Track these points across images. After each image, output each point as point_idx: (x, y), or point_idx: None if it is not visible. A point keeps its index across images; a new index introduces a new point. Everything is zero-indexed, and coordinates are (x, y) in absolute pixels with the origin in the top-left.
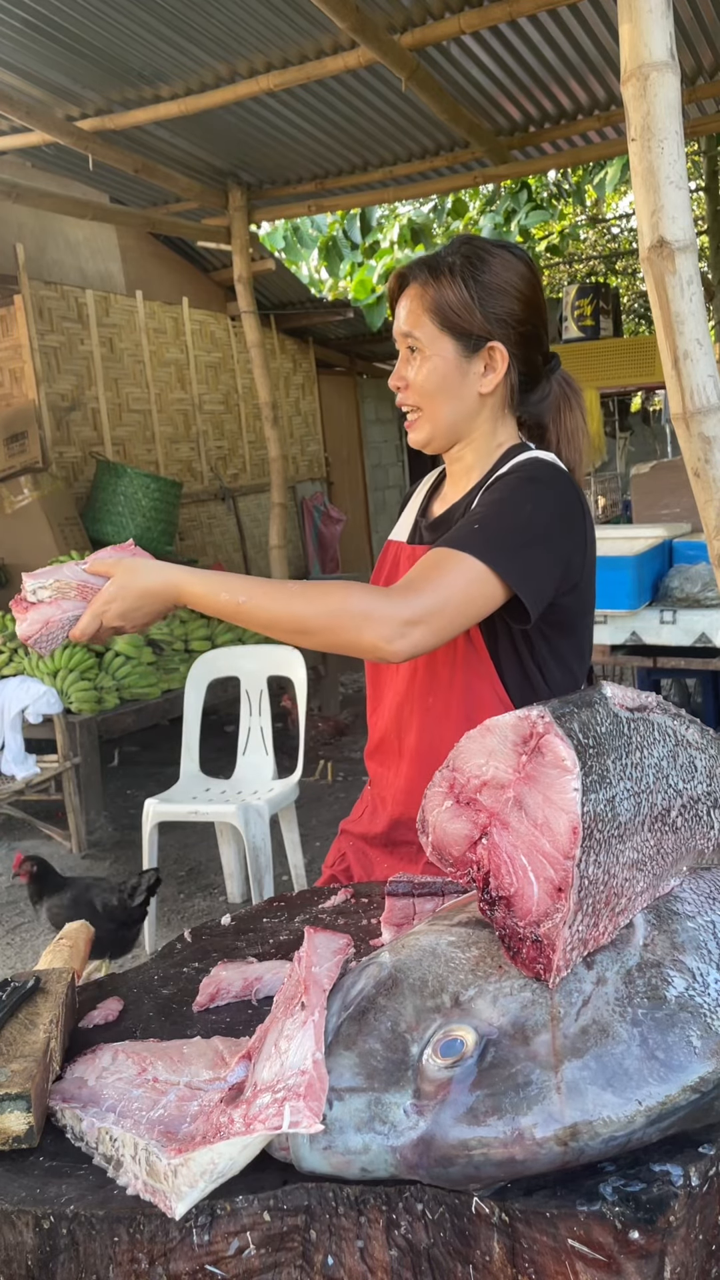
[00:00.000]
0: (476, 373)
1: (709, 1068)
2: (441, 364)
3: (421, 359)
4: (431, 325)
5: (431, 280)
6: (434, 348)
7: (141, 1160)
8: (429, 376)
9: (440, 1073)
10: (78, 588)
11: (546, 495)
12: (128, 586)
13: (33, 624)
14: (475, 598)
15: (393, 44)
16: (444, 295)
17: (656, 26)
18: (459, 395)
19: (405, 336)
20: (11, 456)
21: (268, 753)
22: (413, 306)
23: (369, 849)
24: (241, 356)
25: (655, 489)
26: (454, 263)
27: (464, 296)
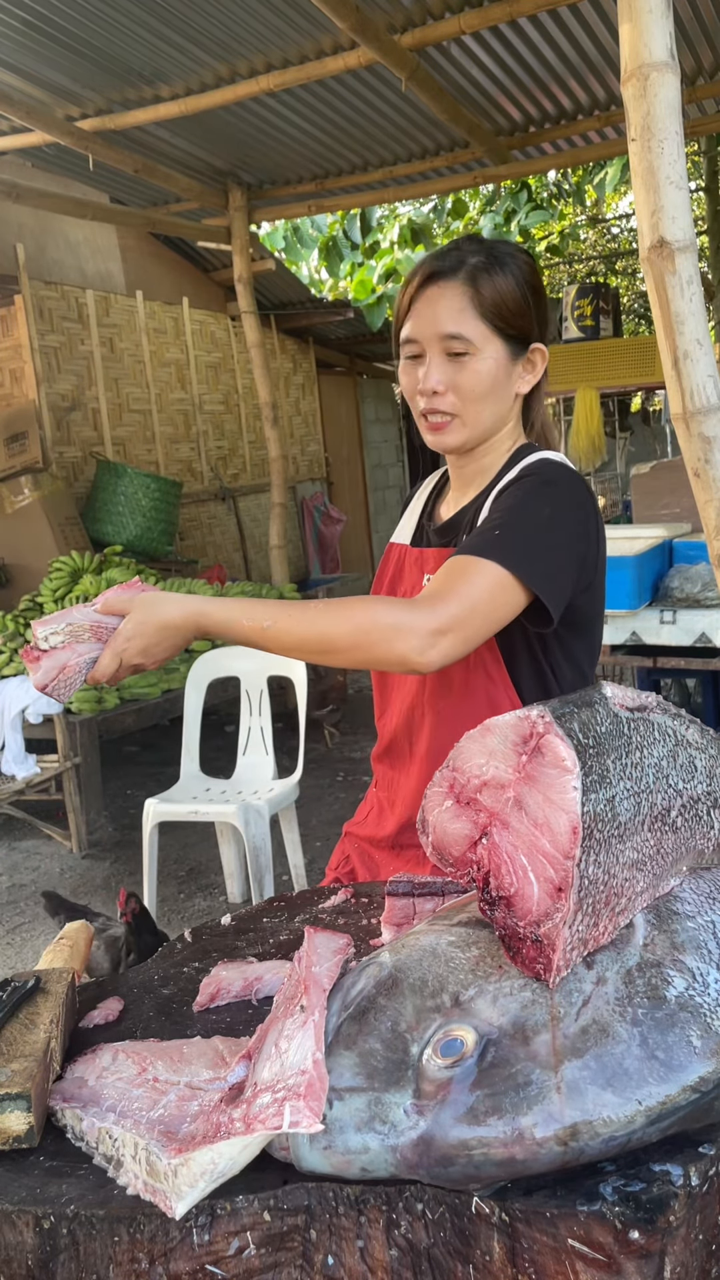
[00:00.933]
0: (518, 374)
1: (709, 1067)
2: (494, 367)
3: (470, 362)
4: (483, 326)
5: (483, 278)
6: (486, 350)
7: (142, 1160)
8: (481, 380)
9: (440, 1073)
10: (91, 629)
11: (563, 498)
12: (146, 622)
13: (48, 671)
14: (500, 604)
15: (393, 44)
16: (500, 295)
17: (656, 26)
18: (503, 398)
19: (449, 339)
20: (12, 456)
21: (268, 753)
22: (455, 305)
23: (375, 852)
24: (241, 356)
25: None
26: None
27: (517, 297)
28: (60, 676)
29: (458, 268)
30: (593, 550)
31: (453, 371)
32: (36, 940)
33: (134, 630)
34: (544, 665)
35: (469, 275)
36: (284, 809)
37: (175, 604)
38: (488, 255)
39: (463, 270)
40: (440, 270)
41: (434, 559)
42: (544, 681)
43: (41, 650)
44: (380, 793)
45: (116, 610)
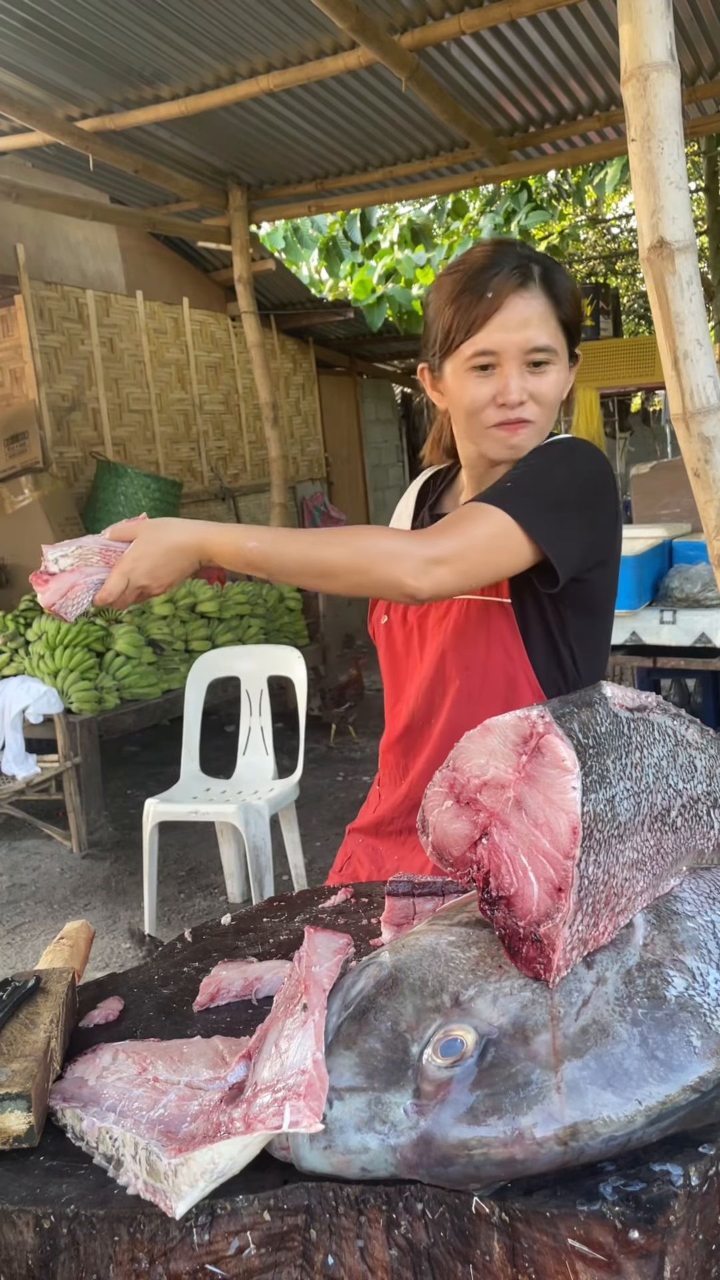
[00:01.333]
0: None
1: (709, 1067)
2: (566, 375)
3: (550, 371)
4: (563, 338)
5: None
6: (560, 360)
7: (142, 1160)
8: (558, 389)
9: (440, 1072)
10: (100, 553)
11: (581, 463)
12: (154, 542)
13: (55, 591)
14: (501, 549)
15: (393, 44)
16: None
17: (656, 26)
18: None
19: (539, 351)
20: (12, 456)
21: (268, 753)
22: (545, 316)
23: (378, 842)
24: (241, 356)
25: (655, 489)
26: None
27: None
28: (68, 595)
29: (532, 274)
30: (610, 524)
31: (535, 381)
32: (36, 940)
33: (142, 551)
34: (562, 645)
35: (545, 281)
36: (284, 809)
37: (181, 527)
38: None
39: (538, 275)
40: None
41: None
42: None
43: (50, 573)
44: (385, 783)
45: (125, 536)
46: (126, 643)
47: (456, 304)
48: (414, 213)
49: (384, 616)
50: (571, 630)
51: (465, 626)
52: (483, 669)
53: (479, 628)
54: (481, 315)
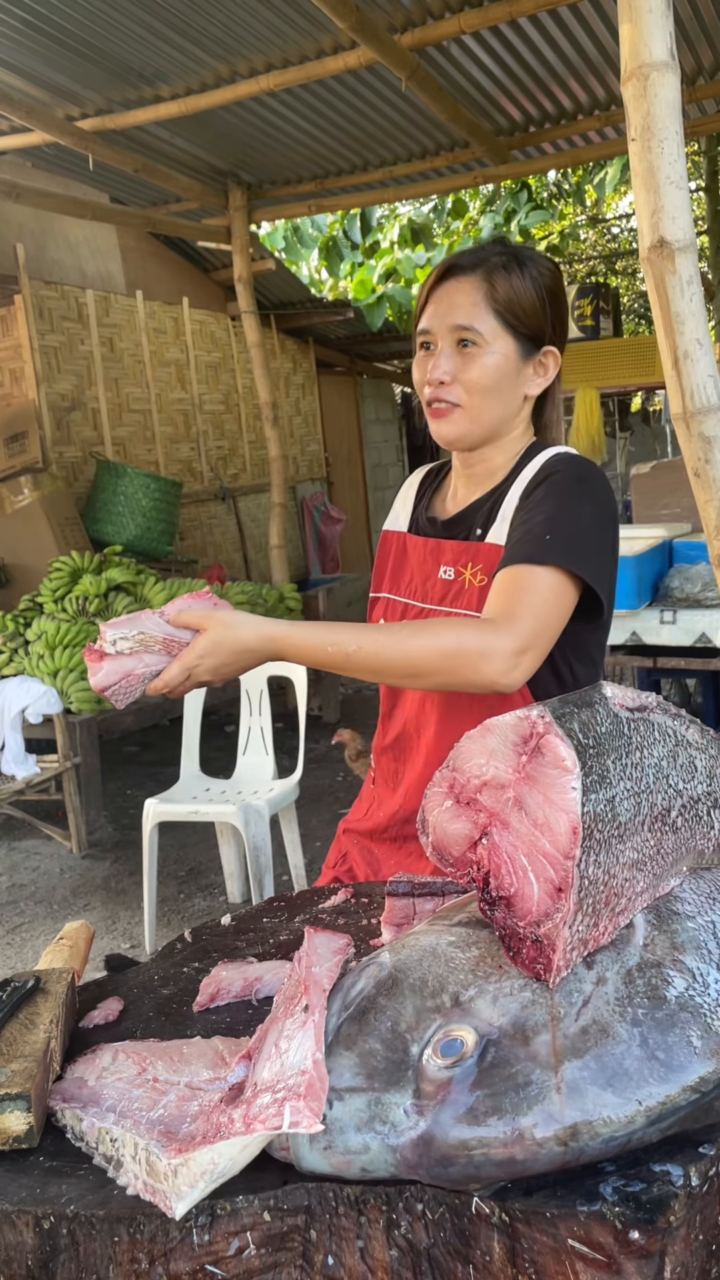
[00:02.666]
0: (527, 375)
1: (709, 1068)
2: (502, 362)
3: (478, 354)
4: (495, 321)
5: (501, 274)
6: (496, 344)
7: (142, 1160)
8: (486, 374)
9: (440, 1073)
10: (163, 642)
11: (598, 494)
12: (223, 643)
13: (110, 674)
14: (564, 607)
15: (393, 44)
16: (514, 293)
17: (656, 26)
18: (510, 397)
19: (460, 329)
20: (11, 456)
21: (268, 753)
22: (470, 299)
23: (375, 846)
24: (241, 356)
25: (655, 489)
26: (519, 261)
27: (532, 298)
28: (123, 682)
29: (477, 264)
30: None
31: (461, 363)
32: (36, 940)
33: (209, 649)
34: (560, 660)
35: (486, 271)
36: (284, 809)
37: (253, 627)
38: (509, 255)
39: (481, 267)
40: (459, 265)
41: (452, 550)
42: (560, 674)
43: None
44: (381, 785)
45: (191, 625)
46: None
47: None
48: (414, 212)
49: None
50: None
51: None
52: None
53: None
54: (424, 298)
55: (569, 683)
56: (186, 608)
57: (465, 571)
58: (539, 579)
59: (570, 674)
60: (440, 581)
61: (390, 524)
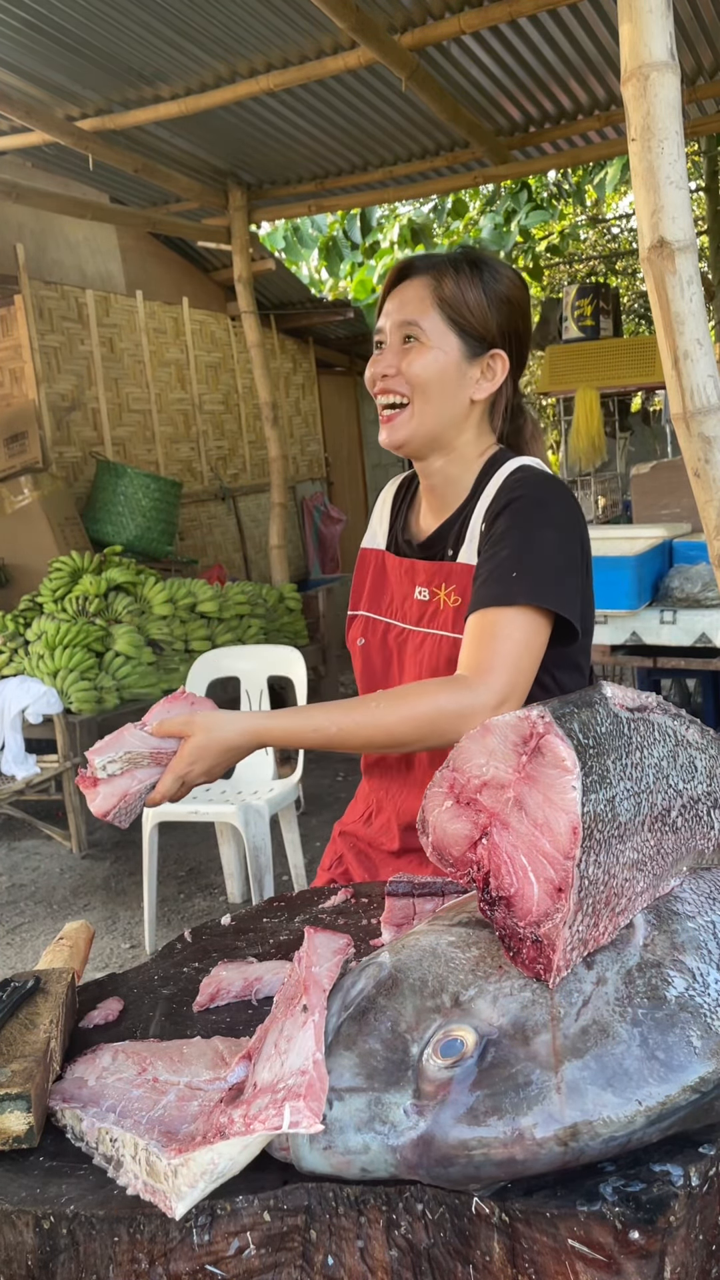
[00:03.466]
0: (473, 377)
1: (709, 1068)
2: (443, 358)
3: (420, 349)
4: (439, 318)
5: (450, 274)
6: (438, 341)
7: (141, 1160)
8: (427, 367)
9: (440, 1073)
10: (150, 755)
11: (561, 516)
12: (209, 747)
13: (108, 798)
14: (537, 646)
15: (393, 44)
16: (461, 292)
17: (656, 26)
18: (452, 396)
19: (406, 325)
20: (11, 456)
21: (268, 753)
22: (420, 295)
23: (372, 853)
24: (241, 356)
25: (655, 489)
26: (470, 263)
27: (479, 298)
28: (121, 804)
29: (429, 266)
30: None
31: (404, 357)
32: (36, 940)
33: (196, 755)
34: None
35: (436, 272)
36: (284, 809)
37: (234, 725)
38: (464, 259)
39: (433, 269)
40: (413, 266)
41: (425, 571)
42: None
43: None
44: (374, 802)
45: (173, 734)
46: (126, 643)
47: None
48: (414, 212)
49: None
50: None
51: (439, 664)
52: None
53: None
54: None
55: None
56: (166, 715)
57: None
58: (510, 622)
59: (555, 683)
60: (416, 602)
61: (368, 541)
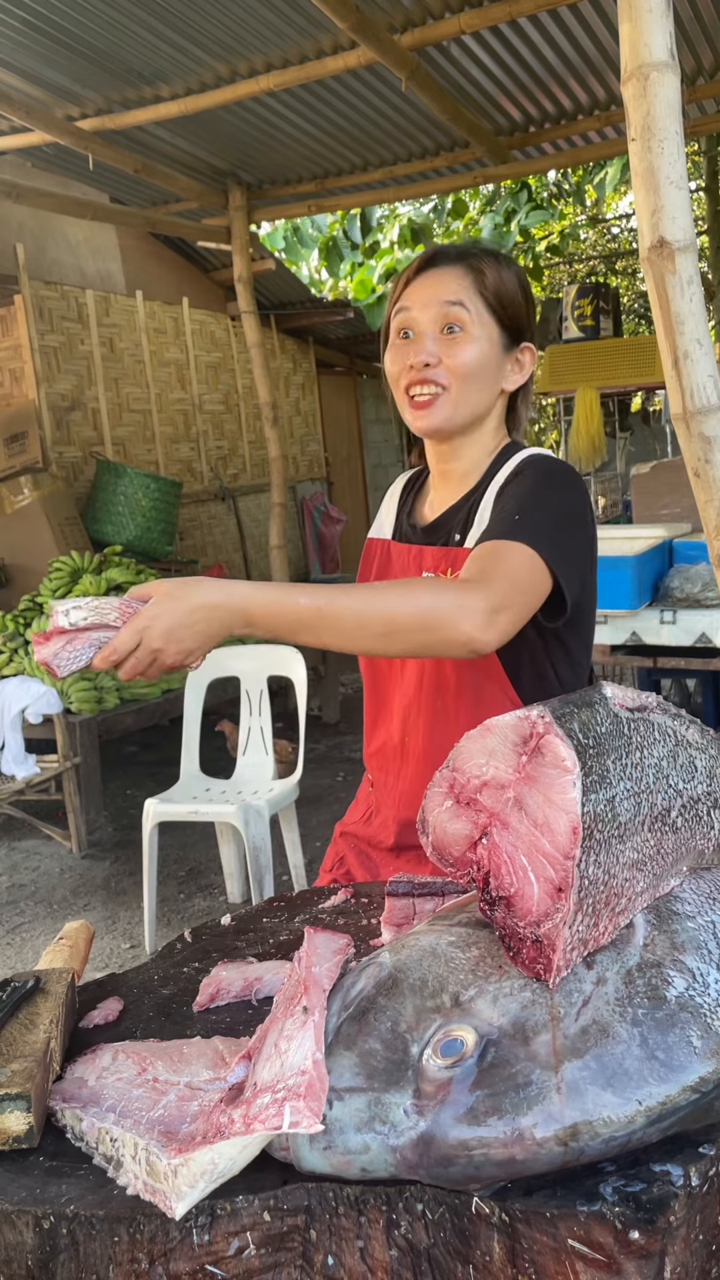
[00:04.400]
0: (507, 368)
1: (709, 1068)
2: (488, 348)
3: (465, 338)
4: (483, 306)
5: (488, 264)
6: (482, 329)
7: (141, 1160)
8: (474, 357)
9: (440, 1073)
10: (119, 608)
11: (570, 489)
12: (177, 599)
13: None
14: (536, 583)
15: (393, 44)
16: (503, 281)
17: (656, 26)
18: (490, 385)
19: (450, 309)
20: (11, 456)
21: (268, 753)
22: (464, 283)
23: (373, 853)
24: (241, 356)
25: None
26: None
27: (516, 290)
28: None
29: (461, 256)
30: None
31: (446, 346)
32: (36, 940)
33: (161, 609)
34: (545, 663)
35: (472, 261)
36: (284, 809)
37: (213, 585)
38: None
39: (466, 258)
40: (444, 254)
41: (432, 556)
42: (545, 680)
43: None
44: (376, 794)
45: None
46: None
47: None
48: (414, 212)
49: None
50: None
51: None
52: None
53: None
54: (402, 286)
55: (555, 687)
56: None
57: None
58: (509, 550)
59: (555, 677)
60: None
61: (375, 532)
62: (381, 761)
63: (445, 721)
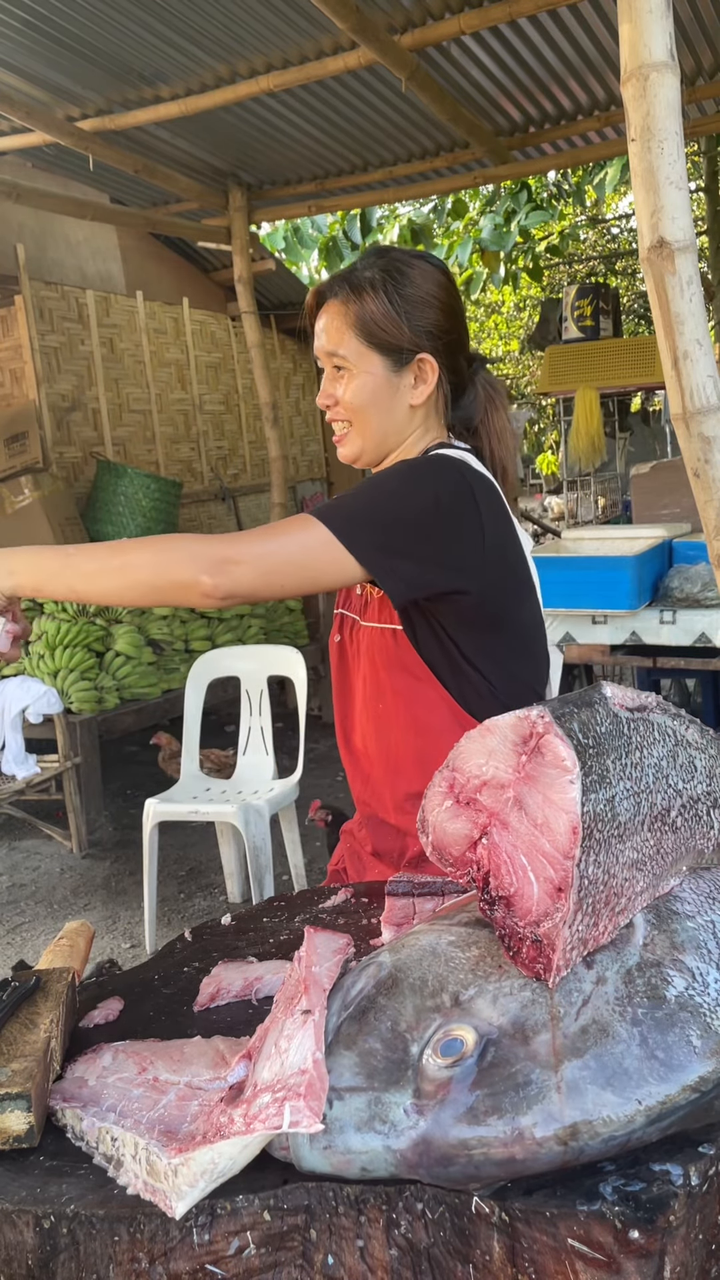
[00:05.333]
0: (407, 385)
1: (709, 1067)
2: (371, 380)
3: (349, 376)
4: (357, 342)
5: (354, 296)
6: (362, 364)
7: (142, 1160)
8: (358, 393)
9: (440, 1072)
10: None
11: (423, 480)
12: None
13: None
14: (315, 560)
15: (393, 44)
16: (368, 311)
17: (656, 26)
18: (390, 409)
19: (330, 355)
20: (12, 456)
21: (268, 753)
22: (335, 324)
23: (362, 854)
24: (242, 357)
25: (655, 489)
26: (374, 277)
27: (389, 311)
28: None
29: (338, 285)
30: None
31: (338, 384)
32: (36, 940)
33: None
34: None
35: (344, 295)
36: (284, 809)
37: None
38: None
39: (340, 291)
40: (323, 292)
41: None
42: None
43: None
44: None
45: None
46: (126, 643)
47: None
48: (414, 213)
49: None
50: (468, 648)
51: (374, 654)
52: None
53: (384, 654)
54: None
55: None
56: None
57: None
58: (300, 523)
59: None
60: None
61: None
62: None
63: (389, 726)
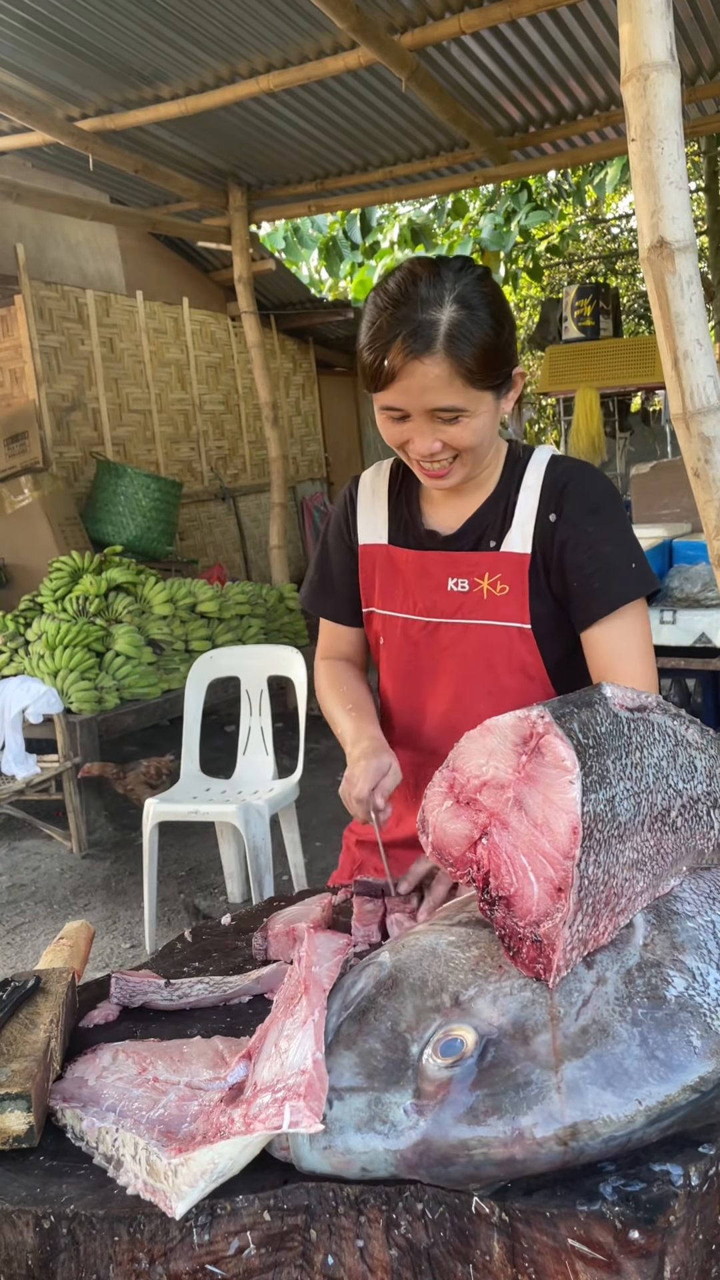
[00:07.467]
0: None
1: (709, 1067)
2: (488, 418)
3: (465, 422)
4: (468, 390)
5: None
6: (477, 408)
7: (142, 1160)
8: (478, 433)
9: (440, 1072)
10: None
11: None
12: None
13: None
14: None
15: (393, 44)
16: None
17: (656, 26)
18: (494, 432)
19: (435, 412)
20: (12, 456)
21: (268, 753)
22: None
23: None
24: (241, 357)
25: (655, 489)
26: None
27: (494, 341)
28: None
29: (433, 339)
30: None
31: (447, 431)
32: (36, 940)
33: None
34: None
35: (448, 345)
36: (284, 809)
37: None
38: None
39: (439, 340)
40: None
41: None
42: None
43: None
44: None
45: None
46: (126, 643)
47: (363, 357)
48: (414, 213)
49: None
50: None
51: (484, 653)
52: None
53: (498, 653)
54: (384, 379)
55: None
56: None
57: (483, 582)
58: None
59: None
60: (452, 594)
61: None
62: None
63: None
